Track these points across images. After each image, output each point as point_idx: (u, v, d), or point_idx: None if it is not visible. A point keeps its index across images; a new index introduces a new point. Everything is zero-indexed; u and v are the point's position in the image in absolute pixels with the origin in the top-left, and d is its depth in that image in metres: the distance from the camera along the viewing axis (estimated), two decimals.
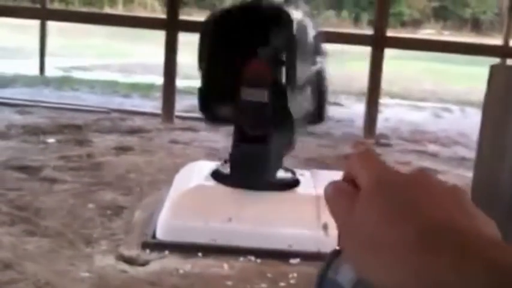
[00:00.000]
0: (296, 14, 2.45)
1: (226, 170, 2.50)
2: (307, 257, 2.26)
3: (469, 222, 0.30)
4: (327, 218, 2.22)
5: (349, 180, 0.34)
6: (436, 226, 0.29)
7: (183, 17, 4.82)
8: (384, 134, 4.83)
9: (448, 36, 17.08)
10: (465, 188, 0.35)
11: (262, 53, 2.33)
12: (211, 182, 2.48)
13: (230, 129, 2.58)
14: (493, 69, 1.56)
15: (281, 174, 2.57)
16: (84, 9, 16.78)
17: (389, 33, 4.80)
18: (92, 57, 9.85)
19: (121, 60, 9.93)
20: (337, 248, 0.34)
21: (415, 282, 0.28)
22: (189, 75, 6.58)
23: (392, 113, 5.96)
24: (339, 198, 0.34)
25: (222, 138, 3.90)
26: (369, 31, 5.15)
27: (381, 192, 0.31)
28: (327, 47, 2.72)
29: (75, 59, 9.46)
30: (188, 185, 2.51)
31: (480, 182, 1.56)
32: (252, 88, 2.32)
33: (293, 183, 2.54)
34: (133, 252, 2.23)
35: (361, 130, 4.81)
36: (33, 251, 2.20)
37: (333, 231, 0.34)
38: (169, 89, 4.75)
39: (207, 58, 2.45)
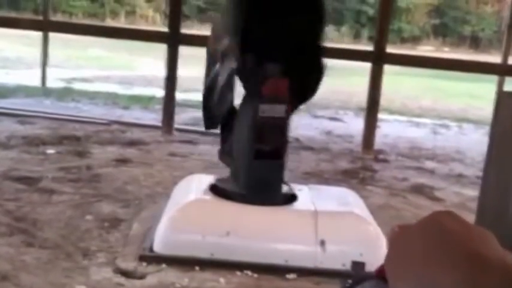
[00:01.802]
0: None
1: (227, 185, 2.52)
2: (304, 272, 2.26)
3: (502, 255, 0.34)
4: (324, 234, 2.23)
5: None
6: (480, 255, 0.33)
7: (184, 30, 4.86)
8: (382, 149, 4.85)
9: (447, 53, 17.19)
10: (463, 206, 0.40)
11: (273, 71, 2.36)
12: (210, 196, 2.49)
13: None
14: (500, 96, 1.55)
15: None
16: (87, 21, 16.90)
17: (389, 49, 4.84)
18: (93, 69, 9.90)
19: (122, 72, 9.99)
20: (348, 282, 0.38)
21: None
22: (189, 88, 6.61)
23: (391, 129, 5.98)
24: (397, 229, 0.38)
25: None
26: (368, 47, 5.20)
27: (432, 222, 0.36)
28: (328, 62, 2.74)
29: (76, 70, 9.51)
30: (186, 199, 2.52)
31: (486, 210, 1.55)
32: (270, 104, 2.37)
33: (291, 198, 2.55)
34: (130, 265, 2.23)
35: (360, 145, 4.82)
36: (30, 262, 2.20)
37: (330, 247, 0.38)
38: (169, 101, 4.78)
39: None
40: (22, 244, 2.35)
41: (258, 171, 2.43)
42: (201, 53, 2.83)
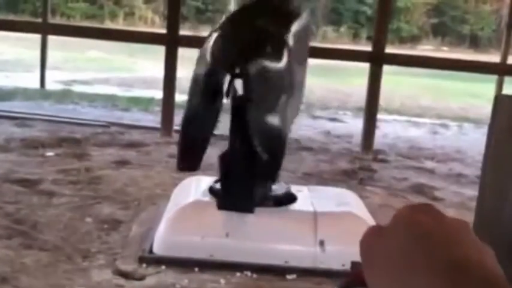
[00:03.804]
0: None
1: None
2: (304, 273, 2.27)
3: (480, 257, 0.32)
4: (324, 234, 2.23)
5: None
6: (459, 261, 0.31)
7: (183, 32, 4.86)
8: (382, 149, 4.85)
9: (446, 52, 17.21)
10: (462, 205, 0.38)
11: None
12: (209, 198, 2.50)
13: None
14: (498, 99, 1.54)
15: (278, 190, 2.58)
16: (85, 23, 16.90)
17: (388, 49, 4.84)
18: (92, 71, 9.91)
19: (121, 74, 9.99)
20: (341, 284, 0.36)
21: None
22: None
23: (390, 129, 5.99)
24: (367, 233, 0.36)
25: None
26: (367, 47, 5.20)
27: (406, 222, 0.34)
28: (327, 63, 2.73)
29: (75, 72, 9.51)
30: (186, 200, 2.52)
31: (483, 217, 1.55)
32: None
33: (290, 199, 2.55)
34: (130, 266, 2.23)
35: (359, 146, 4.83)
36: (30, 264, 2.20)
37: (329, 247, 0.37)
38: (168, 103, 4.78)
39: None
40: (22, 246, 2.35)
41: None
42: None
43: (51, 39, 6.93)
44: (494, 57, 6.96)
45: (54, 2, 15.45)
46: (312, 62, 2.85)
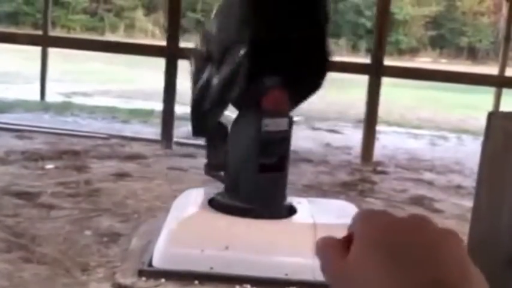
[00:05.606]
0: None
1: (225, 199, 2.51)
2: (303, 285, 2.26)
3: (461, 280, 0.29)
4: None
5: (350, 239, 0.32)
6: (436, 283, 0.28)
7: (183, 44, 4.88)
8: (381, 161, 4.86)
9: (444, 64, 17.29)
10: (462, 217, 0.36)
11: (272, 82, 2.36)
12: (208, 210, 2.49)
13: None
14: (491, 117, 1.52)
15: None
16: (86, 35, 16.98)
17: (387, 61, 4.87)
18: (92, 83, 9.93)
19: (121, 86, 10.02)
20: None
21: None
22: (189, 101, 6.63)
23: (390, 141, 6.00)
24: (328, 250, 0.32)
25: None
26: (366, 59, 5.23)
27: (377, 242, 0.30)
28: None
29: (75, 84, 9.54)
30: (185, 213, 2.52)
31: (478, 231, 1.54)
32: (273, 118, 2.38)
33: (290, 211, 2.55)
34: (129, 280, 2.23)
35: (358, 157, 4.83)
36: (29, 278, 2.20)
37: None
38: (168, 115, 4.79)
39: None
40: (20, 260, 2.34)
41: (263, 185, 2.44)
42: None
43: (52, 51, 6.97)
44: (493, 69, 6.99)
45: (54, 14, 15.54)
46: None
